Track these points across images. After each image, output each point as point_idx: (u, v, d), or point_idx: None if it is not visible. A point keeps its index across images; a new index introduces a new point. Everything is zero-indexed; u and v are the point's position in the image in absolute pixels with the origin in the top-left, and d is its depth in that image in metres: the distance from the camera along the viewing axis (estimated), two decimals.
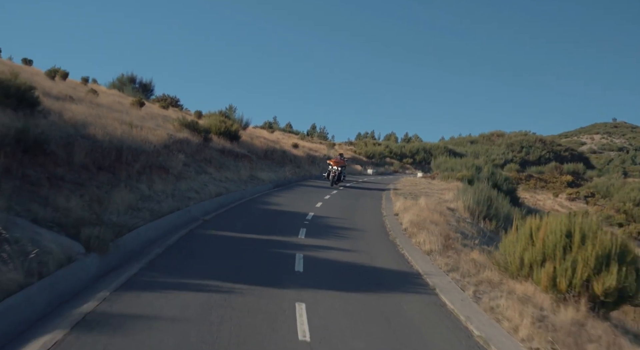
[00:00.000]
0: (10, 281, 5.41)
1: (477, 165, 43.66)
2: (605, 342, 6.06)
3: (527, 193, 61.33)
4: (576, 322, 6.65)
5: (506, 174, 66.60)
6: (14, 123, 10.33)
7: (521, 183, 64.77)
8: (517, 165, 67.80)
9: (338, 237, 11.21)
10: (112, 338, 4.75)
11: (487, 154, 73.55)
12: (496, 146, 76.92)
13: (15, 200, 8.20)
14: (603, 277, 7.52)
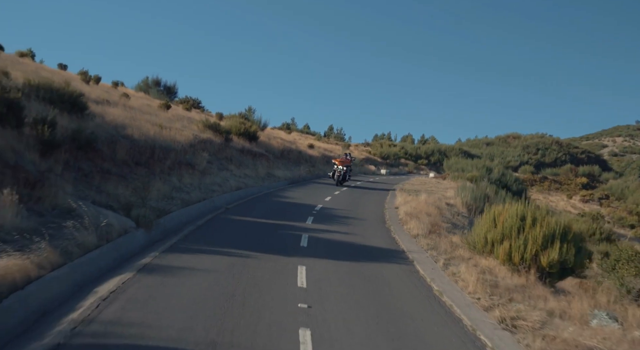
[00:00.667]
0: (89, 242, 7.51)
1: (487, 167, 45.10)
2: (534, 295, 7.92)
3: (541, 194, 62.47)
4: (518, 285, 8.52)
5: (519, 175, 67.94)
6: (70, 125, 12.56)
7: (535, 184, 65.92)
8: (532, 168, 68.84)
9: (340, 224, 13.18)
10: (165, 278, 6.81)
11: (503, 155, 74.65)
12: (512, 148, 77.92)
13: (76, 187, 10.36)
14: (548, 252, 9.37)
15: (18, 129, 10.19)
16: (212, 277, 7.11)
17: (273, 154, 28.68)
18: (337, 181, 24.35)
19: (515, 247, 9.60)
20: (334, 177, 24.82)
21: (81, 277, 6.53)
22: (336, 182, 24.32)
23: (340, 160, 25.40)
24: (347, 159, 26.47)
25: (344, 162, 24.98)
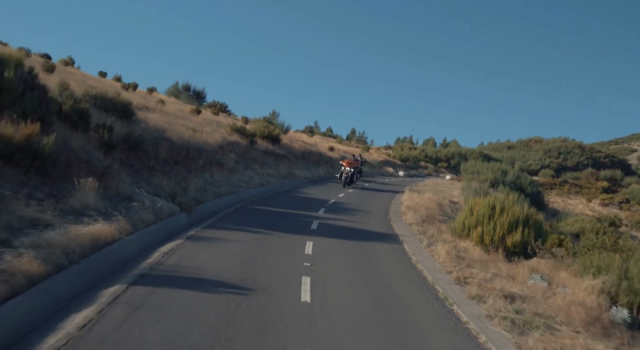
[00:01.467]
0: (148, 219, 10.02)
1: (502, 170, 46.83)
2: (491, 265, 10.14)
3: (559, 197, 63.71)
4: (483, 259, 10.75)
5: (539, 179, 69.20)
6: (122, 129, 15.21)
7: (555, 188, 67.06)
8: (552, 171, 69.91)
9: (348, 214, 15.54)
10: (206, 243, 9.29)
11: (524, 159, 75.85)
12: (533, 152, 78.99)
13: (130, 180, 12.94)
14: (512, 235, 11.58)
15: (86, 132, 12.84)
16: (239, 245, 9.56)
17: (294, 155, 31.16)
18: (344, 182, 24.75)
19: (486, 231, 11.82)
20: (341, 179, 25.20)
21: (146, 242, 9.05)
22: (343, 184, 24.72)
23: (347, 161, 25.76)
24: (354, 160, 26.78)
25: (352, 164, 25.32)
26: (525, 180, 46.75)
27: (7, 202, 7.66)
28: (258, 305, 6.37)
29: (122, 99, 16.69)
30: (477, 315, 7.21)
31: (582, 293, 8.42)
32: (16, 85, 10.37)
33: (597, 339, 6.60)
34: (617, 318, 8.07)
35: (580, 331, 6.77)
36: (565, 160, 77.51)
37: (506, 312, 7.30)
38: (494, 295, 7.94)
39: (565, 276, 9.50)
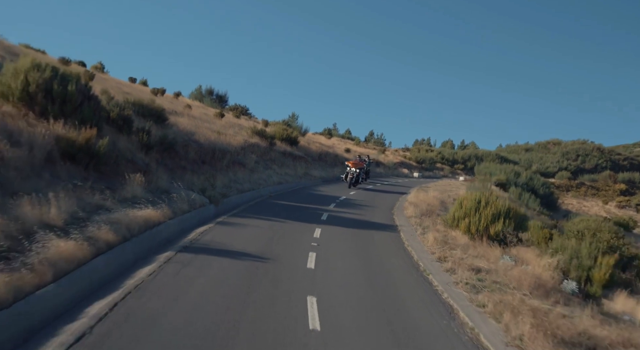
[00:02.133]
0: (184, 208, 12.21)
1: (515, 171, 48.33)
2: (472, 249, 12.08)
3: (575, 199, 64.87)
4: (466, 245, 12.69)
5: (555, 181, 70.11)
6: (157, 132, 17.47)
7: (571, 190, 68.09)
8: (569, 173, 70.85)
9: (355, 208, 17.59)
10: (232, 227, 11.44)
11: (541, 161, 76.85)
12: (551, 154, 79.86)
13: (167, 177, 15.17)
14: (494, 225, 13.50)
15: (129, 135, 15.13)
16: (259, 229, 11.70)
17: (311, 156, 33.29)
18: (349, 183, 24.80)
19: (472, 222, 13.77)
20: (346, 179, 25.22)
21: (184, 225, 11.22)
22: (348, 184, 24.80)
23: (353, 162, 25.85)
24: (360, 161, 27.00)
25: (357, 165, 25.46)
26: (538, 182, 48.23)
27: (78, 191, 9.88)
28: (274, 269, 8.48)
29: (156, 106, 19.00)
30: (446, 281, 9.21)
31: (539, 269, 10.36)
32: (76, 97, 12.66)
33: (537, 298, 8.55)
34: (567, 289, 9.99)
35: (525, 294, 8.73)
36: (583, 162, 78.22)
37: (470, 280, 9.28)
38: (464, 269, 9.92)
39: (532, 257, 11.43)
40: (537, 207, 39.96)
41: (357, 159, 27.97)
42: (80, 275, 6.54)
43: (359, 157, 29.29)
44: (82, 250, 7.12)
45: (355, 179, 24.99)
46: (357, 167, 25.21)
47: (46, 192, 8.68)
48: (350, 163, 25.62)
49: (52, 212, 7.95)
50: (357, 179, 25.13)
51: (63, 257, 6.65)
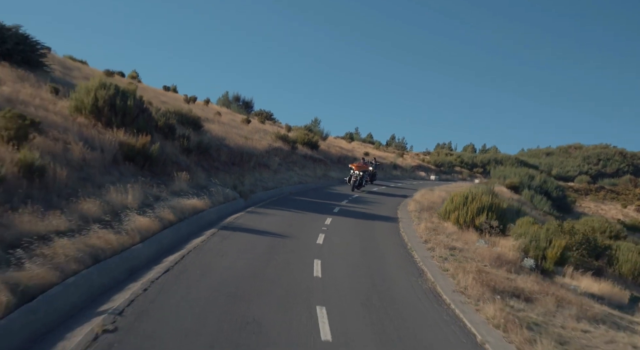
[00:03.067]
0: (220, 201, 15.24)
1: (530, 174, 50.43)
2: (455, 235, 14.80)
3: (593, 203, 66.41)
4: (452, 232, 15.42)
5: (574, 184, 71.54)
6: (195, 138, 20.58)
7: (590, 194, 69.55)
8: (588, 177, 72.30)
9: (365, 204, 20.41)
10: (258, 215, 14.43)
11: (561, 165, 78.37)
12: (572, 158, 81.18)
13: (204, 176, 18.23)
14: (479, 217, 16.20)
15: (173, 141, 18.25)
16: (280, 217, 14.65)
17: (330, 159, 36.20)
18: (352, 186, 24.77)
19: (461, 214, 16.49)
20: (349, 182, 25.20)
21: (221, 213, 14.23)
22: (351, 187, 24.80)
23: (357, 165, 25.72)
24: (364, 164, 26.82)
25: (361, 167, 25.37)
26: (552, 185, 50.30)
27: (142, 185, 12.95)
28: (290, 242, 11.40)
29: (193, 115, 22.17)
30: (425, 255, 12.00)
31: (506, 249, 13.08)
32: (134, 110, 15.82)
33: (493, 268, 11.28)
34: (526, 265, 12.68)
35: (485, 265, 11.47)
36: (604, 167, 79.40)
37: (444, 255, 12.05)
38: (442, 247, 12.70)
39: (503, 241, 14.13)
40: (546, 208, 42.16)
41: (361, 162, 27.50)
42: (156, 239, 9.56)
43: (362, 160, 29.10)
44: (154, 224, 10.15)
45: (359, 182, 25.01)
46: (361, 170, 25.24)
47: (119, 185, 11.75)
48: (354, 166, 25.54)
49: (129, 198, 11.02)
50: (360, 182, 25.15)
51: (143, 228, 9.68)
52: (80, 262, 7.16)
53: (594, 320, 8.91)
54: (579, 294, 11.69)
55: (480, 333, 7.19)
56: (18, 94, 14.79)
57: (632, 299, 13.44)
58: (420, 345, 6.58)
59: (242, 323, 6.28)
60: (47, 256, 6.77)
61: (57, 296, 5.99)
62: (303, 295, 7.80)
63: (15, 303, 5.46)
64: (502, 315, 7.78)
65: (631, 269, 17.39)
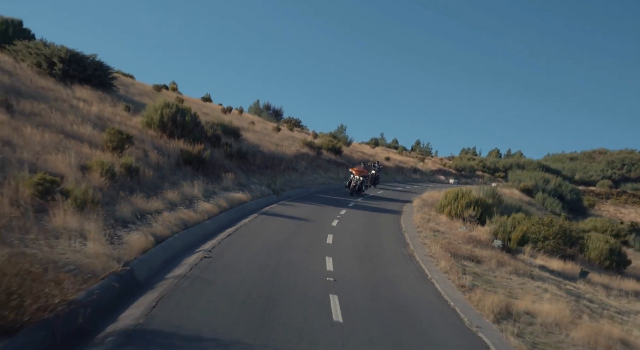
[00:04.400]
0: (258, 195, 19.69)
1: (545, 178, 53.68)
2: (443, 223, 18.88)
3: (613, 206, 69.07)
4: (442, 222, 19.51)
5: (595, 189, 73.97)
6: (235, 145, 25.14)
7: (611, 198, 72.03)
8: (610, 182, 74.71)
9: (377, 201, 24.62)
10: (288, 206, 18.86)
11: (585, 170, 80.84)
12: (596, 163, 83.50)
13: (244, 177, 22.77)
14: (467, 211, 20.26)
15: (219, 148, 22.80)
16: (305, 208, 19.01)
17: (352, 164, 40.35)
18: (351, 191, 25.22)
19: (452, 208, 20.57)
20: (349, 187, 25.59)
21: (259, 204, 18.65)
22: (350, 192, 25.23)
23: (357, 169, 26.01)
24: (365, 168, 27.05)
25: (361, 172, 25.69)
26: (566, 189, 53.54)
27: (200, 182, 17.45)
28: (311, 224, 15.73)
29: (233, 126, 26.77)
30: (413, 235, 16.18)
31: (480, 233, 17.17)
32: (190, 124, 20.40)
33: (463, 244, 15.38)
34: (495, 245, 16.73)
35: (459, 242, 15.57)
36: (629, 171, 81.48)
37: (429, 235, 16.19)
38: (429, 231, 16.85)
39: (481, 228, 18.19)
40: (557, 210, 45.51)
41: (362, 166, 27.59)
42: (217, 219, 14.02)
43: (363, 165, 29.08)
44: (215, 208, 14.61)
45: (359, 187, 25.26)
46: (361, 175, 25.48)
47: (183, 182, 16.25)
48: (354, 170, 25.86)
49: (195, 190, 15.52)
50: (360, 187, 25.37)
51: (208, 210, 14.13)
52: (177, 226, 11.63)
53: (521, 275, 12.97)
54: (533, 266, 15.70)
55: (430, 273, 11.39)
56: (103, 113, 19.53)
57: (581, 273, 17.32)
58: (387, 275, 10.83)
59: (279, 261, 10.61)
60: (161, 221, 11.24)
61: (172, 242, 10.45)
62: (318, 251, 12.12)
63: (154, 242, 9.89)
64: (449, 266, 11.95)
65: (598, 255, 21.14)
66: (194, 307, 6.93)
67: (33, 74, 20.59)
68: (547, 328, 8.69)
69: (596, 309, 11.50)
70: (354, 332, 6.99)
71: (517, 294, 10.52)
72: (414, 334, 7.45)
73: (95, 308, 6.17)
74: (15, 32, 23.06)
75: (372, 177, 29.50)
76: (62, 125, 15.33)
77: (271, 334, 6.41)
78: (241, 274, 9.07)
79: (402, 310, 8.54)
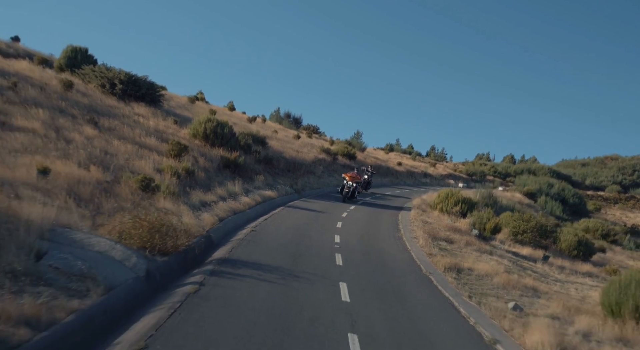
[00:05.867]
0: (284, 194, 24.64)
1: (549, 183, 57.76)
2: (436, 216, 23.58)
3: (619, 211, 72.76)
4: (435, 216, 24.23)
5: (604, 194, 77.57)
6: (262, 152, 30.16)
7: (619, 202, 75.63)
8: (619, 187, 78.33)
9: (382, 200, 29.38)
10: (307, 202, 23.78)
11: (596, 175, 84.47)
12: (607, 169, 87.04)
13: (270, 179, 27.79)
14: (456, 207, 24.96)
15: (250, 154, 27.81)
16: (321, 203, 23.90)
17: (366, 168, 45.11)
18: (344, 197, 26.02)
19: (444, 205, 25.28)
20: (341, 193, 26.39)
21: (284, 200, 23.57)
22: (343, 199, 26.00)
23: (350, 175, 26.66)
24: (357, 174, 27.65)
25: (355, 178, 26.38)
26: (569, 193, 57.62)
27: (238, 182, 22.42)
28: (325, 215, 20.60)
29: (261, 135, 31.79)
30: (405, 224, 20.93)
31: (461, 224, 21.90)
32: (228, 135, 25.40)
33: (444, 231, 20.09)
34: (473, 233, 21.42)
35: (441, 229, 20.29)
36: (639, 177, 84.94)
37: (419, 225, 20.91)
38: (419, 221, 21.58)
39: (464, 220, 22.89)
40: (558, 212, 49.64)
41: (355, 172, 28.09)
42: (254, 209, 18.96)
43: (356, 170, 29.57)
44: (252, 201, 19.56)
45: (352, 192, 26.00)
46: (355, 181, 26.12)
47: (225, 182, 21.22)
48: (347, 176, 26.50)
49: (236, 188, 20.50)
50: (353, 193, 26.07)
51: (247, 203, 19.08)
52: (229, 212, 16.58)
53: (483, 253, 17.64)
54: (499, 248, 20.31)
55: (410, 247, 16.19)
56: (158, 126, 24.64)
57: (544, 257, 21.86)
58: (377, 246, 15.64)
59: (302, 236, 15.45)
60: (218, 208, 16.18)
61: (228, 221, 15.42)
62: (329, 231, 16.97)
63: (217, 221, 14.80)
64: (426, 244, 16.71)
65: (567, 246, 25.59)
66: (253, 253, 11.83)
67: (100, 94, 25.88)
68: (479, 277, 13.39)
69: (530, 274, 16.12)
70: (348, 270, 11.81)
71: (469, 261, 15.21)
72: (386, 274, 12.25)
73: (201, 249, 11.13)
74: (82, 58, 28.34)
75: (365, 182, 30.16)
76: (133, 137, 20.45)
77: (298, 267, 11.26)
78: (277, 240, 13.96)
79: (383, 263, 13.35)
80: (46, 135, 15.93)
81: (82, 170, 13.49)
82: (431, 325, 8.84)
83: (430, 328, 8.68)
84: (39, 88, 21.40)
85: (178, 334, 6.35)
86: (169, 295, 8.09)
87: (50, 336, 5.39)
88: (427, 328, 8.63)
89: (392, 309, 9.29)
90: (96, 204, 11.85)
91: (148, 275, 8.48)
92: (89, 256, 7.77)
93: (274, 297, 8.64)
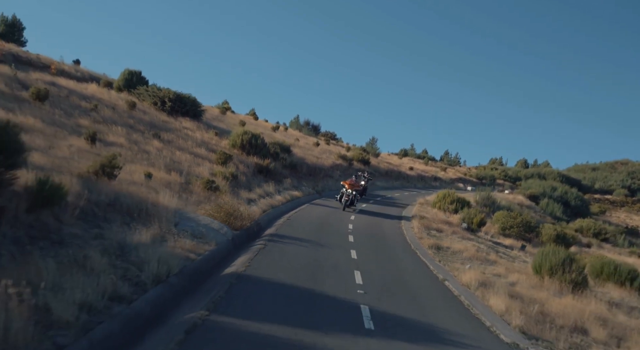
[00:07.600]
0: (307, 194, 30.33)
1: (553, 186, 62.69)
2: (434, 213, 29.08)
3: (625, 214, 77.42)
4: (432, 213, 29.72)
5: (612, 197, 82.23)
6: (288, 158, 35.94)
7: (625, 205, 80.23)
8: (626, 190, 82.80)
9: (390, 200, 34.95)
10: (326, 200, 29.51)
11: (605, 180, 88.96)
12: (617, 173, 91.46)
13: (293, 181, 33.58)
14: (451, 206, 30.45)
15: (278, 161, 33.57)
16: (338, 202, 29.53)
17: (379, 172, 50.71)
18: (343, 205, 26.52)
19: (442, 204, 30.78)
20: (341, 201, 27.10)
21: (307, 199, 29.26)
22: (342, 207, 26.47)
23: (349, 182, 27.45)
24: (356, 182, 28.19)
25: (354, 186, 27.09)
26: (571, 196, 62.60)
27: (271, 184, 28.13)
28: (337, 214, 26.20)
29: (286, 144, 37.55)
30: (407, 219, 26.44)
31: (454, 218, 27.44)
32: (261, 145, 31.16)
33: (437, 223, 25.59)
34: (462, 226, 26.93)
35: (436, 223, 25.80)
36: None
37: (416, 218, 26.41)
38: (418, 216, 27.11)
39: (456, 215, 28.39)
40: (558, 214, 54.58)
41: (354, 179, 28.78)
42: (285, 205, 24.72)
43: (355, 177, 30.12)
44: (284, 199, 25.29)
45: (351, 200, 26.64)
46: (354, 189, 26.78)
47: (264, 184, 26.96)
48: (346, 183, 27.27)
49: (271, 189, 26.25)
50: (352, 201, 26.72)
51: (280, 200, 24.82)
52: (268, 206, 22.32)
53: (465, 239, 23.09)
54: (482, 238, 25.71)
55: (406, 233, 21.80)
56: (203, 138, 30.50)
57: (522, 246, 27.23)
58: (380, 231, 21.23)
59: (323, 223, 21.09)
60: (260, 203, 21.88)
61: (269, 213, 21.21)
62: (345, 221, 22.64)
63: (262, 212, 20.50)
64: (419, 231, 22.25)
65: (548, 239, 30.87)
66: (291, 232, 17.50)
67: (154, 111, 31.86)
68: (453, 253, 18.90)
69: (500, 255, 21.52)
70: (357, 244, 17.47)
71: (449, 243, 20.70)
72: (384, 247, 17.84)
73: (258, 228, 16.88)
74: (137, 79, 34.35)
75: (362, 189, 30.74)
76: (187, 148, 26.32)
77: (322, 239, 16.92)
78: (306, 226, 19.64)
79: (383, 242, 18.97)
80: (130, 148, 21.79)
81: (168, 174, 19.31)
82: (408, 272, 14.44)
83: (407, 273, 14.29)
84: (111, 108, 27.44)
85: (261, 263, 12.04)
86: (247, 250, 13.79)
87: (207, 255, 11.16)
88: (405, 273, 14.23)
89: (384, 263, 14.94)
90: (184, 197, 17.64)
91: (233, 239, 14.21)
92: (201, 225, 13.51)
93: (309, 252, 14.39)
